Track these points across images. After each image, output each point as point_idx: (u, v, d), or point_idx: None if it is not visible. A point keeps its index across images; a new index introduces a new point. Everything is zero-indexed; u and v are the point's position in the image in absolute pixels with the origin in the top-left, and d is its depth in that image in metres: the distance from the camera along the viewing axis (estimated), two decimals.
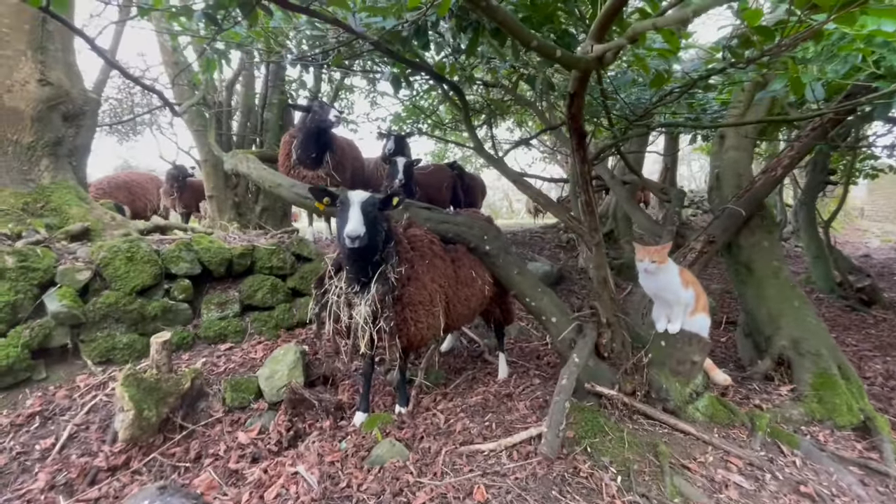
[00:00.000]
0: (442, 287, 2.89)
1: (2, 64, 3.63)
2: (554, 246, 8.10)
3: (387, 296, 2.62)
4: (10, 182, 3.71)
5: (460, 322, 3.22)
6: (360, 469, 2.42)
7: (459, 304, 3.05)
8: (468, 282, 3.13)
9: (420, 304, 2.73)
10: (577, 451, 2.46)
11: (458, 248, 3.24)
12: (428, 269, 2.81)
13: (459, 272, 3.09)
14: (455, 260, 3.12)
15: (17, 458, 2.50)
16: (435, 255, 2.92)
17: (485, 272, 3.32)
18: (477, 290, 3.20)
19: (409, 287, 2.70)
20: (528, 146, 7.00)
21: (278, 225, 7.14)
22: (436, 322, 2.83)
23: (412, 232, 2.96)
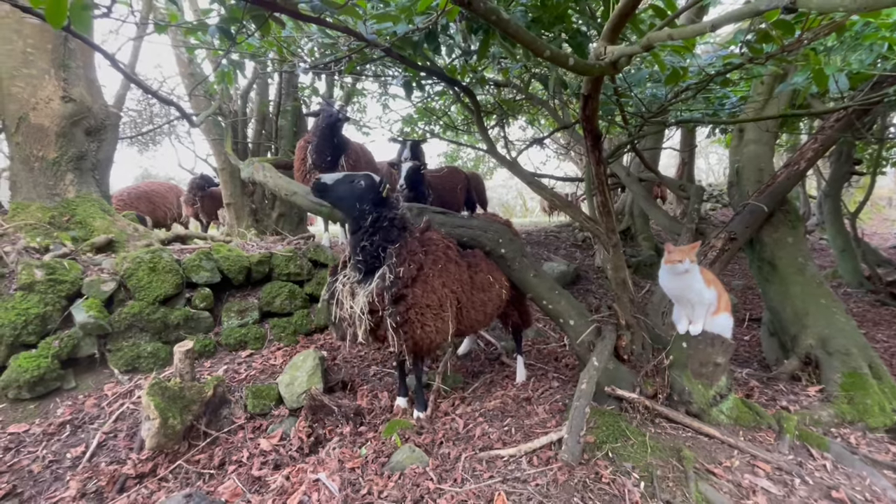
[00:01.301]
0: (454, 292, 2.88)
1: (27, 83, 3.76)
2: (570, 245, 8.03)
3: (385, 291, 2.63)
4: (36, 197, 3.83)
5: (476, 326, 3.21)
6: (380, 475, 2.43)
7: (474, 309, 3.04)
8: (485, 287, 3.12)
9: (428, 308, 2.72)
10: (599, 456, 2.43)
11: (476, 253, 3.24)
12: (440, 274, 2.80)
13: (476, 277, 3.08)
14: (472, 265, 3.12)
15: (49, 466, 2.58)
16: (449, 260, 2.90)
17: (502, 276, 3.31)
18: (493, 295, 3.19)
19: (415, 288, 2.69)
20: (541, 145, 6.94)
21: (294, 230, 7.22)
22: (444, 326, 2.82)
23: (428, 235, 2.95)
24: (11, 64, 3.70)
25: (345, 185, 2.67)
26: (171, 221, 8.69)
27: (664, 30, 1.45)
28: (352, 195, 2.67)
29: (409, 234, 2.80)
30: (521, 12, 2.93)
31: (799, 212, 4.06)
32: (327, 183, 2.67)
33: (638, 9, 2.43)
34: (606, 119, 4.53)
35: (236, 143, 7.05)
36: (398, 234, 2.74)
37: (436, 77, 3.60)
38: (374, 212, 2.70)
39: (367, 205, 2.69)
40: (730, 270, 7.47)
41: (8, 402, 2.97)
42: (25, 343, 3.09)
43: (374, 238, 2.69)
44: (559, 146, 12.83)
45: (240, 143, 7.24)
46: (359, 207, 2.68)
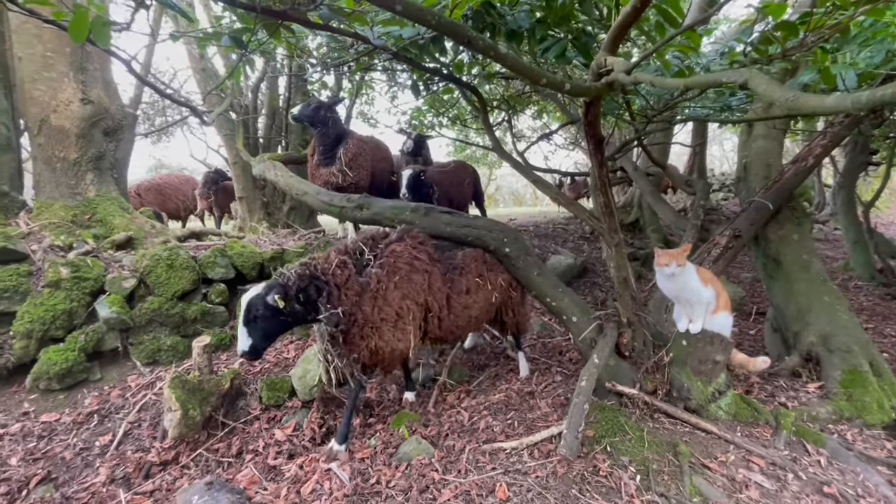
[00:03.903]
0: (420, 303, 2.86)
1: (48, 86, 3.89)
2: (577, 237, 8.05)
3: (333, 335, 2.63)
4: (59, 196, 3.99)
5: (459, 332, 3.18)
6: (388, 466, 2.56)
7: (454, 314, 3.02)
8: (469, 290, 3.09)
9: (383, 321, 2.70)
10: (597, 450, 2.53)
11: (465, 254, 3.20)
12: (398, 286, 2.77)
13: (457, 281, 3.05)
14: (454, 268, 3.08)
15: (80, 454, 2.76)
16: (414, 270, 2.86)
17: (496, 277, 3.27)
18: (481, 298, 3.16)
19: (365, 307, 2.66)
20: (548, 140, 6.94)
21: (305, 223, 7.36)
22: (405, 337, 2.79)
23: (393, 248, 2.89)
24: (33, 68, 3.84)
25: (260, 320, 2.50)
26: (185, 214, 8.87)
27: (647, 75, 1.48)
28: (272, 320, 2.53)
29: (333, 277, 2.65)
30: (525, 13, 2.96)
31: (805, 209, 4.06)
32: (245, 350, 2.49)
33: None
34: (614, 115, 4.54)
35: (247, 137, 7.17)
36: (319, 290, 2.60)
37: (442, 78, 3.65)
38: (293, 310, 2.56)
39: (286, 314, 2.54)
40: (738, 263, 7.44)
41: (39, 393, 3.15)
42: (54, 337, 3.27)
43: (308, 316, 2.62)
44: (568, 135, 12.75)
45: (251, 137, 7.36)
46: (284, 318, 2.56)
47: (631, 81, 1.49)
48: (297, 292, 2.58)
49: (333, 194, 3.66)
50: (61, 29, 2.36)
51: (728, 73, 1.27)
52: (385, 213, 3.41)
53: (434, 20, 1.88)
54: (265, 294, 2.52)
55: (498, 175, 23.25)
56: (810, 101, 1.16)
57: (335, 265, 2.70)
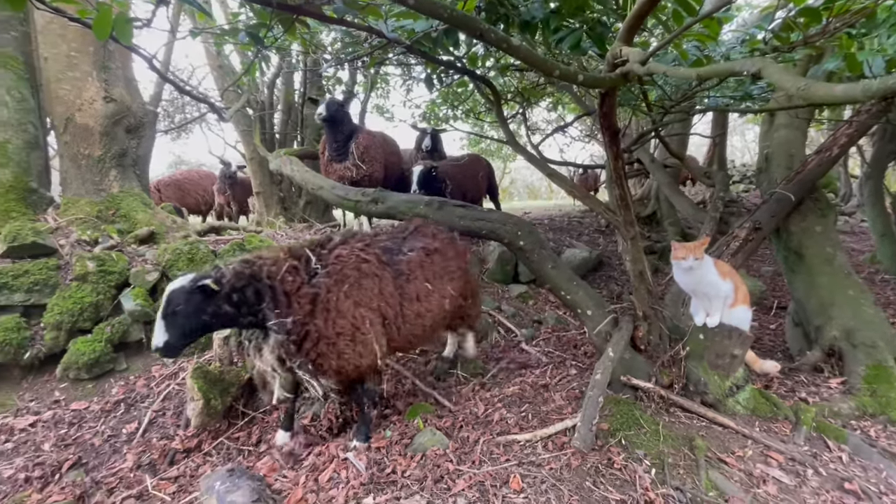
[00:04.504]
0: (374, 309, 2.61)
1: (72, 85, 4.01)
2: (593, 231, 7.97)
3: (285, 345, 2.41)
4: (85, 192, 4.12)
5: (416, 342, 2.93)
6: (403, 456, 2.60)
7: (408, 322, 2.76)
8: (420, 296, 2.81)
9: (339, 336, 2.47)
10: (612, 443, 2.53)
11: (410, 260, 2.86)
12: (349, 294, 2.52)
13: (407, 287, 2.77)
14: (402, 273, 2.79)
15: (108, 441, 2.88)
16: (363, 275, 2.60)
17: (448, 283, 2.98)
18: (434, 306, 2.86)
19: (317, 320, 2.42)
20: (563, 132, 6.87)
21: (321, 217, 7.45)
22: (367, 349, 2.55)
23: (338, 252, 2.63)
24: (58, 67, 3.95)
25: (180, 315, 2.29)
26: (205, 209, 9.05)
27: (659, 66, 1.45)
28: (194, 317, 2.30)
29: (282, 283, 2.43)
30: (538, 3, 2.93)
31: (830, 200, 3.95)
32: (159, 346, 2.28)
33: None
34: (630, 106, 4.48)
35: (264, 133, 7.27)
36: (260, 294, 2.39)
37: (456, 71, 3.64)
38: (220, 310, 2.33)
39: (210, 314, 2.32)
40: (759, 256, 7.28)
41: (69, 382, 3.28)
42: (81, 329, 3.40)
43: (241, 319, 2.40)
44: (584, 127, 12.59)
45: (267, 133, 7.46)
46: (207, 319, 2.33)
47: (646, 72, 1.47)
48: (230, 291, 2.33)
49: (348, 189, 3.70)
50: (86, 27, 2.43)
51: (741, 62, 1.25)
52: (399, 206, 3.44)
53: (446, 13, 1.88)
54: (190, 285, 2.26)
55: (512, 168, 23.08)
56: (820, 89, 1.14)
57: (285, 270, 2.45)
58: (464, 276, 3.14)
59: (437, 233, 3.14)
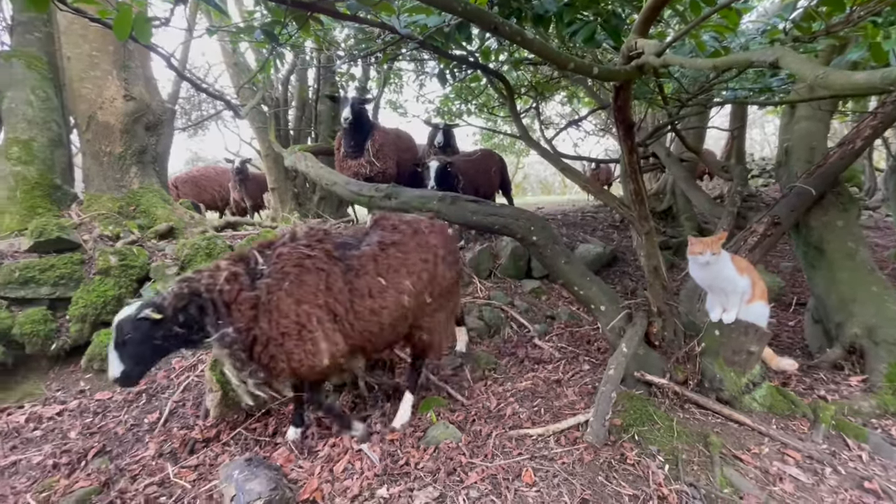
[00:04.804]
0: (320, 306, 2.46)
1: (94, 84, 4.11)
2: (607, 226, 7.90)
3: (235, 354, 2.36)
4: (106, 189, 4.23)
5: (375, 341, 2.72)
6: (416, 448, 2.63)
7: (362, 319, 2.58)
8: (374, 291, 2.61)
9: (285, 336, 2.38)
10: (625, 438, 2.52)
11: (362, 254, 2.67)
12: (291, 291, 2.41)
13: (356, 282, 2.58)
14: (352, 268, 2.60)
15: (131, 429, 2.97)
16: (306, 270, 2.47)
17: (407, 277, 2.73)
18: (390, 303, 2.64)
19: (262, 323, 2.36)
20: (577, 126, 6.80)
21: (334, 213, 7.52)
22: (316, 347, 2.43)
23: (279, 251, 2.54)
24: (80, 67, 4.05)
25: (131, 344, 2.30)
26: (221, 204, 9.18)
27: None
28: (145, 344, 2.31)
29: (220, 294, 2.37)
30: None
31: (853, 194, 3.85)
32: (117, 377, 2.31)
33: None
34: (646, 99, 4.42)
35: (279, 129, 7.34)
36: (203, 309, 2.36)
37: (468, 65, 3.63)
38: (171, 333, 2.35)
39: (161, 338, 2.33)
40: (779, 252, 7.14)
41: (94, 373, 3.39)
42: (105, 321, 3.50)
43: (194, 337, 2.40)
44: (599, 121, 12.45)
45: (282, 129, 7.54)
46: (160, 343, 2.34)
47: (661, 63, 1.45)
48: (174, 313, 2.31)
49: (362, 184, 3.73)
50: (106, 27, 2.49)
51: (758, 51, 1.23)
52: (412, 202, 3.46)
53: (460, 7, 1.88)
54: (136, 313, 2.26)
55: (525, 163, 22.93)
56: (839, 77, 1.11)
57: (224, 279, 2.39)
58: (430, 270, 2.85)
59: (398, 224, 2.93)
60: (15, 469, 2.63)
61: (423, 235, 2.92)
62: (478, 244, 5.46)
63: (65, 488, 2.43)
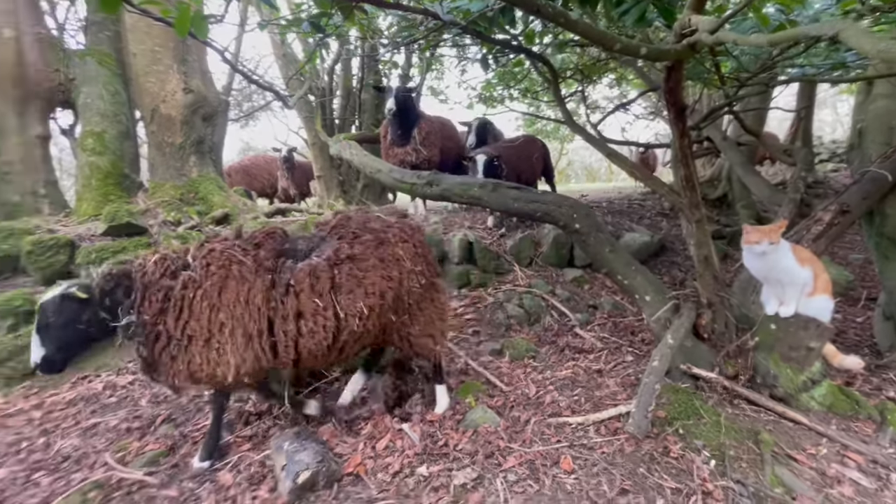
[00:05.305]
0: (237, 318, 2.25)
1: (157, 78, 4.39)
2: (655, 214, 7.58)
3: (139, 349, 2.25)
4: (168, 177, 4.53)
5: (311, 362, 2.53)
6: (455, 430, 2.69)
7: (302, 335, 2.34)
8: (307, 313, 2.34)
9: (191, 339, 2.21)
10: (668, 431, 2.47)
11: (301, 269, 2.37)
12: (207, 295, 2.22)
13: (286, 301, 2.33)
14: (283, 285, 2.34)
15: (193, 400, 3.21)
16: (230, 277, 2.27)
17: (363, 298, 2.43)
18: (323, 328, 2.35)
19: (168, 319, 2.20)
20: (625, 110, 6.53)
21: (377, 200, 7.67)
22: (222, 361, 2.24)
23: (211, 247, 2.37)
24: (144, 62, 4.34)
25: (54, 327, 2.16)
26: (271, 192, 9.59)
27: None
28: (69, 327, 2.17)
29: (142, 276, 2.24)
30: None
31: None
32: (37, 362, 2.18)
33: None
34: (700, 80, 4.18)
35: (324, 119, 7.54)
36: (129, 292, 2.22)
37: (512, 50, 3.57)
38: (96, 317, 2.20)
39: (85, 322, 2.18)
40: (848, 243, 6.59)
41: None
42: None
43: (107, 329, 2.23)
44: (649, 104, 11.88)
45: (327, 118, 7.73)
46: (84, 328, 2.20)
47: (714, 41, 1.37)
48: (101, 295, 2.16)
49: (405, 171, 3.79)
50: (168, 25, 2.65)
51: (816, 25, 1.14)
52: (454, 189, 3.47)
53: None
54: (61, 293, 2.12)
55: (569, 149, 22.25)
56: None
57: (152, 262, 2.25)
58: (395, 288, 2.56)
59: (359, 233, 2.56)
60: (95, 430, 2.91)
61: (388, 247, 2.57)
62: (519, 231, 5.42)
63: (137, 450, 2.68)
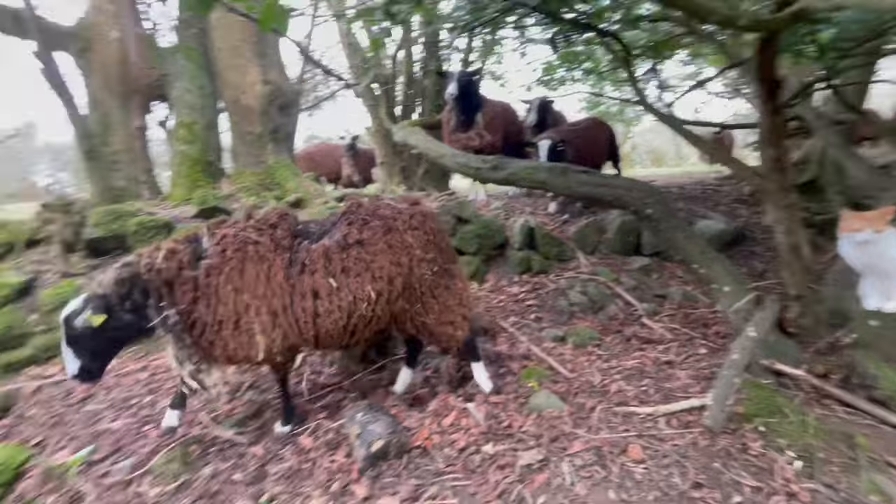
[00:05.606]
0: (260, 297, 2.33)
1: (238, 71, 4.70)
2: (732, 200, 7.05)
3: (180, 336, 2.31)
4: (248, 165, 4.87)
5: (331, 342, 2.56)
6: (519, 413, 2.73)
7: (303, 321, 2.40)
8: (322, 293, 2.40)
9: (223, 324, 2.30)
10: (747, 428, 2.35)
11: (314, 249, 2.45)
12: (230, 279, 2.30)
13: (301, 280, 2.39)
14: (299, 264, 2.42)
15: None
16: (248, 259, 2.34)
17: (370, 282, 2.47)
18: (339, 308, 2.41)
19: (199, 305, 2.29)
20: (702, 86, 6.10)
21: (437, 186, 7.75)
22: (252, 340, 2.33)
23: (224, 232, 2.43)
24: (227, 57, 4.66)
25: (84, 338, 2.22)
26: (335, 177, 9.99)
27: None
28: (98, 336, 2.23)
29: (158, 273, 2.29)
30: None
31: None
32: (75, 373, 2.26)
33: None
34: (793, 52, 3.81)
35: (388, 106, 7.69)
36: (147, 292, 2.29)
37: (583, 29, 3.45)
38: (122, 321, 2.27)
39: (113, 328, 2.25)
40: None
41: None
42: None
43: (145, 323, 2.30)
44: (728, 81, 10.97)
45: (390, 105, 7.88)
46: (113, 334, 2.27)
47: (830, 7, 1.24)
48: (120, 300, 2.23)
49: (469, 156, 3.81)
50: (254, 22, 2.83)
51: None
52: (519, 173, 3.45)
53: None
54: (82, 307, 2.18)
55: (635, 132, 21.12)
56: None
57: (161, 257, 2.30)
58: (404, 275, 2.57)
59: (369, 219, 2.60)
60: None
61: (397, 234, 2.59)
62: (583, 218, 5.28)
63: (227, 412, 2.97)
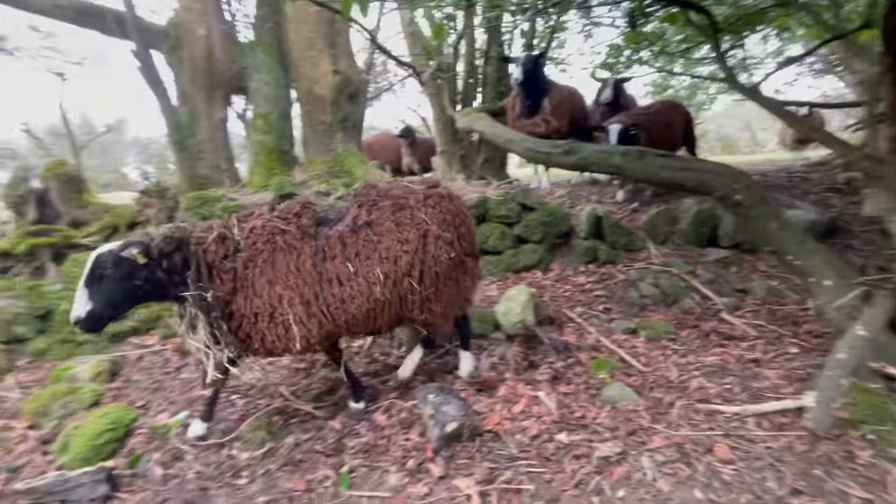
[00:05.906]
0: (292, 287, 2.34)
1: (311, 62, 4.88)
2: (824, 189, 6.42)
3: (216, 322, 2.31)
4: (319, 152, 5.06)
5: (358, 330, 2.61)
6: (592, 404, 2.67)
7: (333, 308, 2.40)
8: (343, 278, 2.40)
9: (258, 317, 2.33)
10: (854, 435, 2.16)
11: (331, 235, 2.46)
12: (263, 271, 2.33)
13: (326, 266, 2.39)
14: (322, 250, 2.41)
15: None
16: (277, 249, 2.36)
17: (379, 264, 2.44)
18: (359, 293, 2.41)
19: (238, 298, 2.32)
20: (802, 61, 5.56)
21: (496, 174, 7.66)
22: (289, 331, 2.34)
23: (253, 225, 2.44)
24: (301, 48, 4.84)
25: (108, 281, 2.22)
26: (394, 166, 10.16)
27: None
28: (123, 283, 2.24)
29: (205, 252, 2.35)
30: None
31: None
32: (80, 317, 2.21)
33: None
34: None
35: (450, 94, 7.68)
36: (187, 262, 2.31)
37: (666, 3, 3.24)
38: (153, 275, 2.29)
39: (142, 279, 2.26)
40: None
41: None
42: None
43: (172, 289, 2.33)
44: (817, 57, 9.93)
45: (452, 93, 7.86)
46: (140, 284, 2.28)
47: None
48: (160, 255, 2.26)
49: (538, 141, 3.73)
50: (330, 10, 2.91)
51: None
52: (592, 158, 3.32)
53: None
54: (120, 249, 2.19)
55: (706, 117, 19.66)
56: None
57: (213, 238, 2.35)
58: (412, 253, 2.50)
59: (378, 200, 2.58)
60: (272, 367, 3.45)
61: (407, 211, 2.54)
62: (654, 207, 5.02)
63: (305, 386, 3.14)
